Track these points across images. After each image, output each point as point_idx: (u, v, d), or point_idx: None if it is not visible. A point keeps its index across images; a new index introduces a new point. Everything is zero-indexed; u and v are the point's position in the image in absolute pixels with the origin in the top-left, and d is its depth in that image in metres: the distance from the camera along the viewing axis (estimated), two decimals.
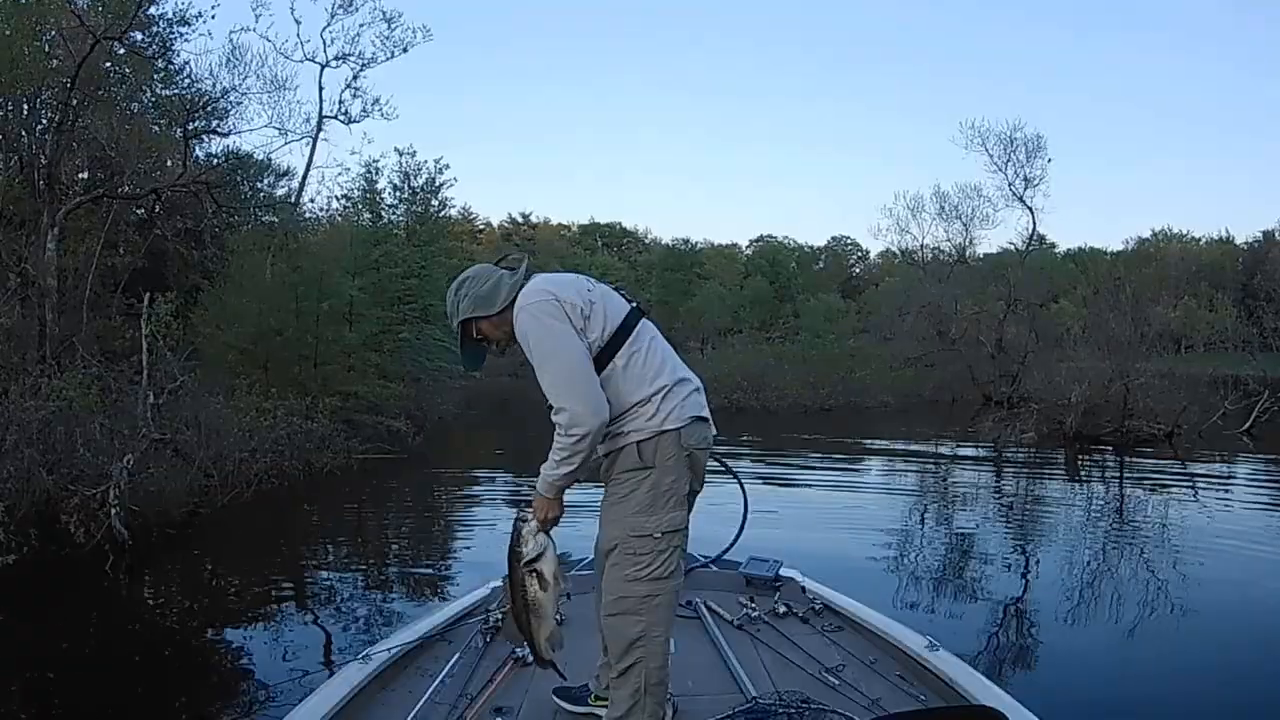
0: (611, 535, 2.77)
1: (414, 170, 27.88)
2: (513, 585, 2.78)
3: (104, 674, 5.63)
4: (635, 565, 2.72)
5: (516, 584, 2.77)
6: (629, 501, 2.73)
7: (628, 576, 2.72)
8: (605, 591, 2.80)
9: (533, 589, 2.74)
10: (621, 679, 2.75)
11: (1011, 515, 11.71)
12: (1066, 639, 6.44)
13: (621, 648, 2.73)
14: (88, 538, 7.89)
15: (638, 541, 2.71)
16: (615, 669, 2.77)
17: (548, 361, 2.62)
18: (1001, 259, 36.54)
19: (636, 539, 2.71)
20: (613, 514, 2.77)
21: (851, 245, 73.12)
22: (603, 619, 2.81)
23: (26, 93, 14.61)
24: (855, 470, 16.06)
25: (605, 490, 2.81)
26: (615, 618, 2.75)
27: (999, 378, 29.82)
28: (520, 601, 2.77)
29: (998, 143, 34.37)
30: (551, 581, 2.75)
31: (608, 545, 2.78)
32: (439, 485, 13.81)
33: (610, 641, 2.79)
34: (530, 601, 2.75)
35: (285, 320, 15.85)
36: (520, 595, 2.76)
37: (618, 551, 2.74)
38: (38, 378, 9.67)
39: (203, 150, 19.62)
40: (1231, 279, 55.98)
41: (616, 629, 2.74)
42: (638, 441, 2.72)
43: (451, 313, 2.94)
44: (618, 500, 2.76)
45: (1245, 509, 12.25)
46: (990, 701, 2.89)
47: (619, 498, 2.76)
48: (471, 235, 58.51)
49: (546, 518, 2.76)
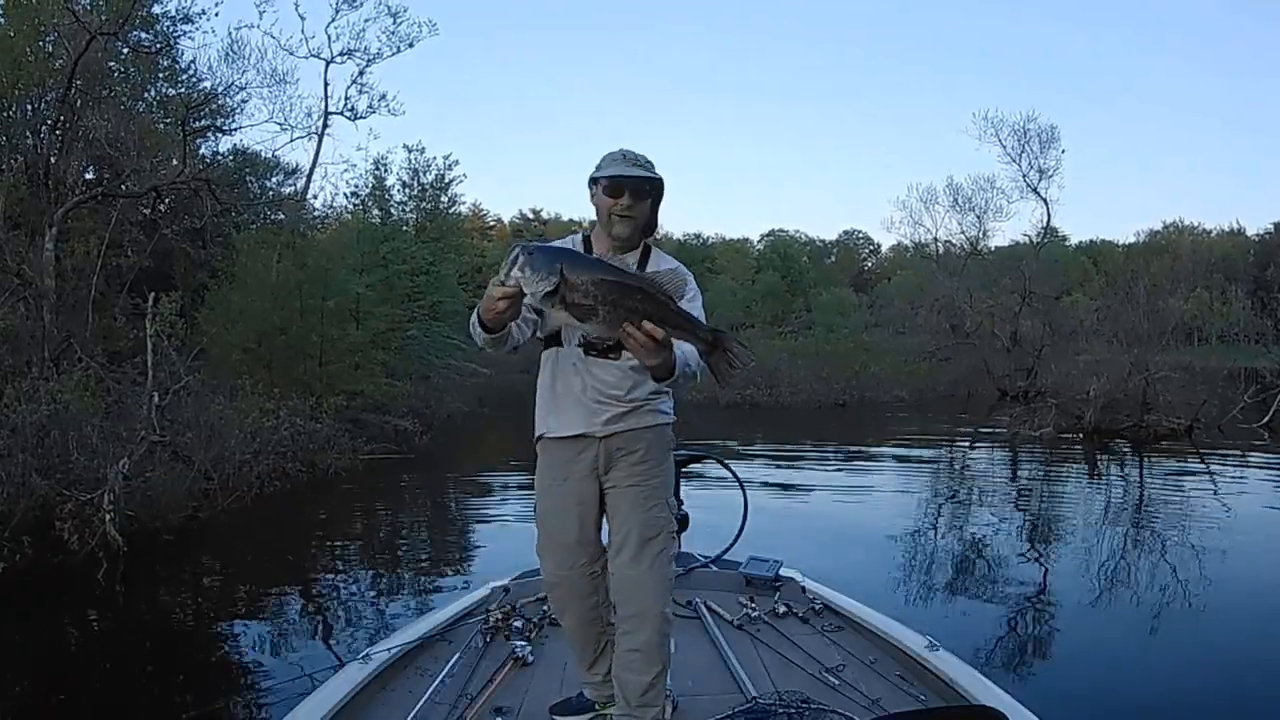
0: (659, 518, 2.78)
1: (423, 167, 27.90)
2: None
3: (97, 680, 5.60)
4: (672, 546, 2.84)
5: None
6: (666, 483, 2.83)
7: (668, 557, 2.81)
8: (651, 580, 2.75)
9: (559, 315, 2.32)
10: (654, 661, 2.75)
11: (1024, 512, 11.59)
12: (1070, 639, 6.42)
13: (663, 634, 2.75)
14: (82, 544, 7.81)
15: (671, 524, 2.83)
16: (650, 653, 2.74)
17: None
18: (1015, 251, 36.32)
19: (671, 520, 2.83)
20: (656, 495, 2.79)
21: (863, 239, 73.07)
22: (643, 605, 2.75)
23: (30, 93, 14.59)
24: (866, 467, 15.91)
25: (635, 468, 2.77)
26: (660, 602, 2.76)
27: (1014, 371, 29.68)
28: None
29: (1011, 134, 34.26)
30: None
31: (652, 530, 2.76)
32: (445, 485, 13.73)
33: (650, 627, 2.74)
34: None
35: (289, 319, 15.77)
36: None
37: (663, 536, 2.78)
38: (35, 379, 9.60)
39: (209, 149, 19.69)
40: (1244, 271, 55.71)
41: (661, 615, 2.75)
42: (670, 424, 2.85)
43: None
44: (658, 482, 2.80)
45: (1268, 506, 12.06)
46: (990, 701, 2.88)
47: (659, 480, 2.81)
48: (482, 232, 58.53)
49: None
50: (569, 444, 2.79)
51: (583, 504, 2.80)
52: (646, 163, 2.79)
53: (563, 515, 2.81)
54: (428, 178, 28.09)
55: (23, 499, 7.75)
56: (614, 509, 2.80)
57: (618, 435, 2.75)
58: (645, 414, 2.78)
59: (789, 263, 59.59)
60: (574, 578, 2.82)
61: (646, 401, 2.78)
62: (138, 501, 8.50)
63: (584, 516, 2.80)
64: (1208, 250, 59.91)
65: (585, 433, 2.75)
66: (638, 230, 2.78)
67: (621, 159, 2.76)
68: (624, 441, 2.75)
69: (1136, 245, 59.94)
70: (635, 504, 2.75)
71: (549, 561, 2.87)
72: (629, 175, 2.73)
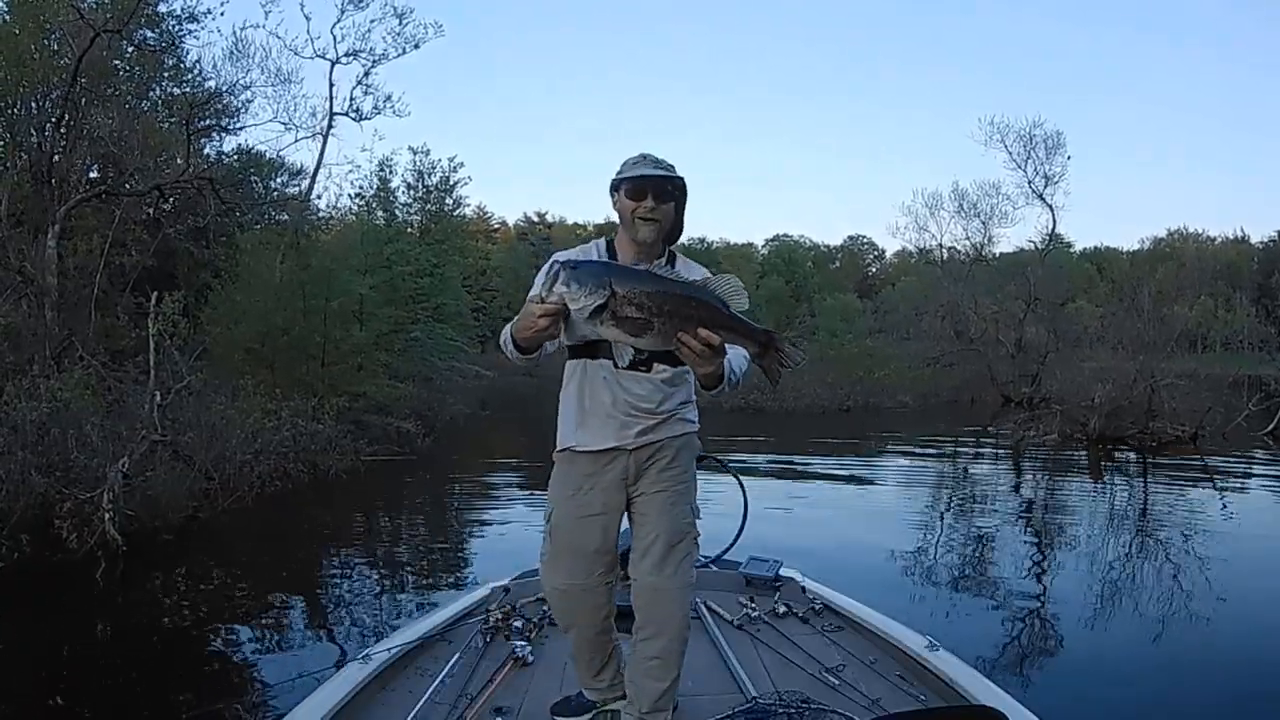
0: (684, 523, 2.79)
1: (428, 169, 27.95)
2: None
3: (94, 680, 5.57)
4: (694, 552, 2.84)
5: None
6: (691, 489, 2.83)
7: (690, 562, 2.80)
8: (674, 587, 2.76)
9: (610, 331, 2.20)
10: (672, 668, 2.78)
11: (1026, 517, 11.54)
12: (1071, 641, 6.42)
13: (683, 640, 2.78)
14: (81, 543, 7.79)
15: (694, 529, 2.83)
16: (669, 660, 2.77)
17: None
18: (1020, 257, 36.21)
19: (695, 525, 2.83)
20: (683, 499, 2.79)
21: (867, 244, 73.08)
22: (666, 612, 2.75)
23: (34, 91, 14.62)
24: (869, 470, 15.85)
25: (663, 474, 2.77)
26: (682, 609, 2.78)
27: (1018, 378, 29.60)
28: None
29: (1017, 139, 34.05)
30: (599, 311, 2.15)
31: (678, 536, 2.77)
32: (446, 487, 13.70)
33: (671, 635, 2.76)
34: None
35: (292, 319, 15.78)
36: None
37: (688, 540, 2.80)
38: (35, 377, 9.59)
39: (213, 148, 19.71)
40: (1248, 278, 55.65)
41: (682, 621, 2.77)
42: (696, 431, 2.85)
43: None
44: (684, 487, 2.81)
45: (1273, 514, 12.04)
46: (990, 701, 2.88)
47: (685, 486, 2.81)
48: (487, 234, 58.58)
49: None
50: (598, 456, 2.75)
51: (608, 512, 2.77)
52: (668, 166, 2.74)
53: (585, 524, 2.76)
54: (432, 179, 28.23)
55: (22, 497, 7.74)
56: (640, 515, 2.78)
57: (648, 446, 2.73)
58: (675, 423, 2.76)
59: (793, 268, 59.49)
60: (589, 586, 2.78)
61: (675, 411, 2.76)
62: (138, 501, 8.49)
63: (608, 525, 2.77)
64: (1212, 257, 59.85)
65: (617, 445, 2.72)
66: (662, 234, 2.72)
67: (642, 160, 2.72)
68: (654, 451, 2.73)
69: (1141, 252, 60.12)
70: (663, 509, 2.74)
71: (561, 571, 2.79)
72: (651, 175, 2.68)
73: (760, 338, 2.29)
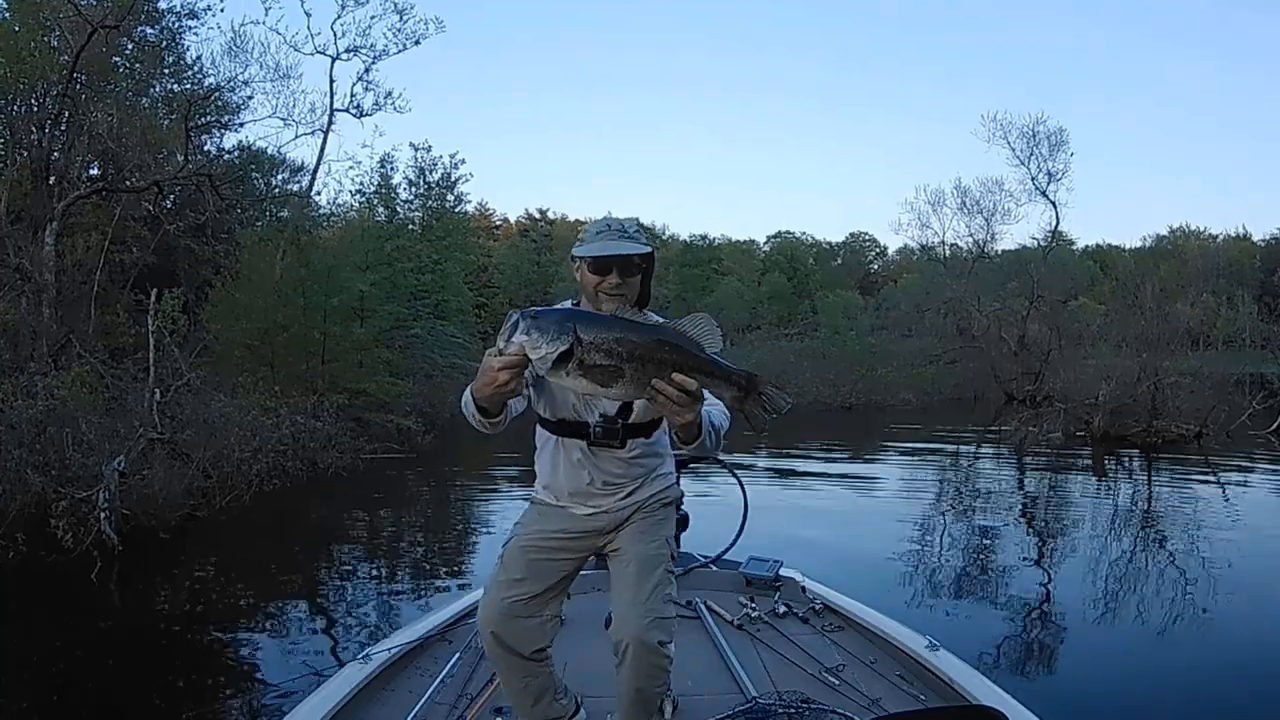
0: (659, 553, 2.65)
1: (429, 165, 27.93)
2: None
3: (90, 680, 5.54)
4: (670, 585, 2.64)
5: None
6: (667, 522, 2.73)
7: (664, 595, 2.59)
8: (646, 610, 2.52)
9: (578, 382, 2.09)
10: (650, 701, 2.69)
11: (1029, 516, 11.51)
12: (1071, 640, 6.41)
13: (660, 668, 2.56)
14: (77, 542, 7.73)
15: (670, 562, 2.69)
16: (647, 699, 2.64)
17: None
18: (1022, 255, 36.16)
19: (670, 559, 2.70)
20: (655, 532, 2.68)
21: (870, 241, 72.81)
22: (639, 642, 2.49)
23: (34, 87, 14.60)
24: (870, 471, 15.84)
25: (644, 520, 2.68)
26: (656, 635, 2.52)
27: (1021, 376, 29.53)
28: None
29: (1020, 136, 34.14)
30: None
31: (651, 565, 2.61)
32: (447, 485, 13.69)
33: (655, 670, 2.55)
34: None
35: (293, 316, 15.75)
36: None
37: (661, 571, 2.61)
38: (32, 375, 9.56)
39: (213, 144, 19.71)
40: (1250, 276, 55.52)
41: (655, 650, 2.51)
42: (675, 481, 2.81)
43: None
44: (659, 519, 2.71)
45: (1277, 513, 11.99)
46: (990, 701, 2.90)
47: (660, 518, 2.72)
48: (489, 231, 58.59)
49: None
50: (577, 518, 2.68)
51: (576, 554, 2.70)
52: (635, 231, 2.56)
53: (549, 555, 2.66)
54: (434, 176, 28.23)
55: (18, 495, 7.72)
56: (614, 551, 2.69)
57: (628, 507, 2.66)
58: (653, 481, 2.70)
59: (795, 265, 59.52)
60: (532, 612, 2.63)
61: (654, 469, 2.71)
62: (135, 499, 8.44)
63: (567, 568, 2.70)
64: (1214, 255, 59.67)
65: (595, 512, 2.66)
66: (629, 306, 2.48)
67: (606, 230, 2.54)
68: (633, 511, 2.67)
69: (1143, 249, 59.87)
70: (635, 539, 2.65)
71: (505, 594, 2.61)
72: (613, 255, 2.50)
73: (740, 380, 2.16)
